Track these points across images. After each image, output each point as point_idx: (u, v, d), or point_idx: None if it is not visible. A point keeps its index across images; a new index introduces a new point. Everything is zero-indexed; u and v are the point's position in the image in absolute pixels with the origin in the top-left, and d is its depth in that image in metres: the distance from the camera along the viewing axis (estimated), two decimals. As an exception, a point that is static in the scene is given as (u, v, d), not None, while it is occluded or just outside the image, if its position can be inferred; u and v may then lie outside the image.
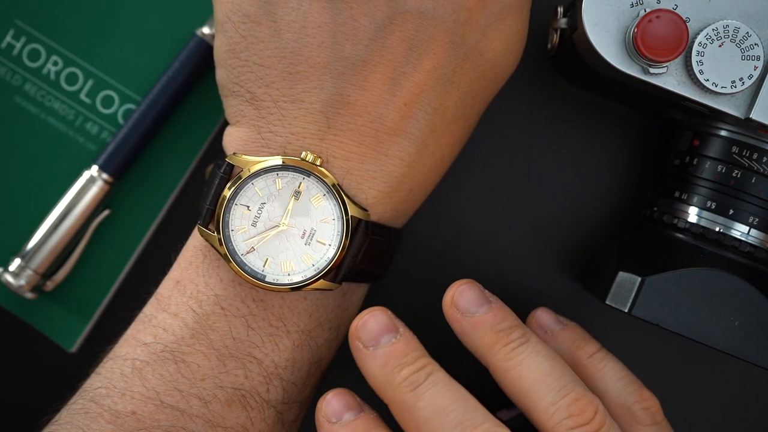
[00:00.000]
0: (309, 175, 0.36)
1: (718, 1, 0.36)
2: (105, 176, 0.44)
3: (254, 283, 0.36)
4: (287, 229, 0.36)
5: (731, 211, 0.39)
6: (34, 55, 0.45)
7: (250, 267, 0.36)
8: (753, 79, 0.36)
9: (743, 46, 0.36)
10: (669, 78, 0.36)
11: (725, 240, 0.38)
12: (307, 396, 0.39)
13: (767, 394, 0.45)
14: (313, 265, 0.36)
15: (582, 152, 0.45)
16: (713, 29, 0.36)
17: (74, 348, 0.45)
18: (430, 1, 0.36)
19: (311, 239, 0.36)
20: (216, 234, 0.36)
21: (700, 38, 0.36)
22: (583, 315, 0.45)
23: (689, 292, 0.37)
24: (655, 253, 0.39)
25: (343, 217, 0.36)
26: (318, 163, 0.36)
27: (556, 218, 0.45)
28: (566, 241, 0.45)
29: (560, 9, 0.40)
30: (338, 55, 0.36)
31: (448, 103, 0.38)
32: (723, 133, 0.39)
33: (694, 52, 0.36)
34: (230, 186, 0.36)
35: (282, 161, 0.36)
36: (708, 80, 0.36)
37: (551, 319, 0.41)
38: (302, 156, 0.36)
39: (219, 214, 0.36)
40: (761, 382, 0.45)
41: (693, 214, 0.39)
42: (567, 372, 0.36)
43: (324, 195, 0.36)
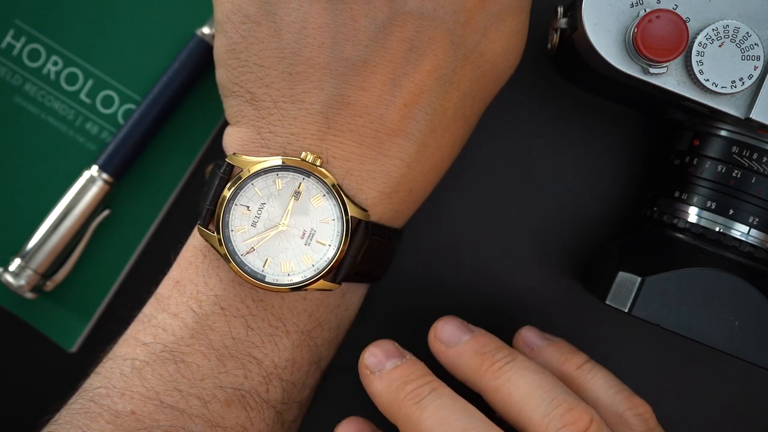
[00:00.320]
0: (309, 176, 0.36)
1: (718, 1, 0.36)
2: (105, 176, 0.44)
3: (254, 284, 0.36)
4: (287, 230, 0.36)
5: (731, 211, 0.39)
6: (34, 55, 0.45)
7: (250, 267, 0.36)
8: (753, 79, 0.36)
9: (743, 46, 0.36)
10: (669, 78, 0.36)
11: (725, 240, 0.38)
12: (307, 396, 0.39)
13: (767, 394, 0.45)
14: (313, 266, 0.36)
15: (582, 152, 0.45)
16: (713, 29, 0.36)
17: (74, 348, 0.45)
18: (431, 2, 0.36)
19: (311, 239, 0.36)
20: (216, 234, 0.36)
21: (700, 38, 0.36)
22: (583, 315, 0.45)
23: (689, 292, 0.37)
24: (655, 253, 0.39)
25: (343, 218, 0.36)
26: (318, 164, 0.36)
27: (556, 218, 0.45)
28: (566, 241, 0.45)
29: (560, 9, 0.40)
30: (338, 56, 0.36)
31: (448, 104, 0.38)
32: (723, 133, 0.39)
33: (694, 52, 0.36)
34: (230, 186, 0.36)
35: (282, 161, 0.36)
36: (708, 80, 0.36)
37: (536, 336, 0.41)
38: (302, 156, 0.36)
39: (219, 215, 0.36)
40: (761, 382, 0.45)
41: (693, 214, 0.39)
42: (557, 384, 0.36)
43: (324, 195, 0.36)
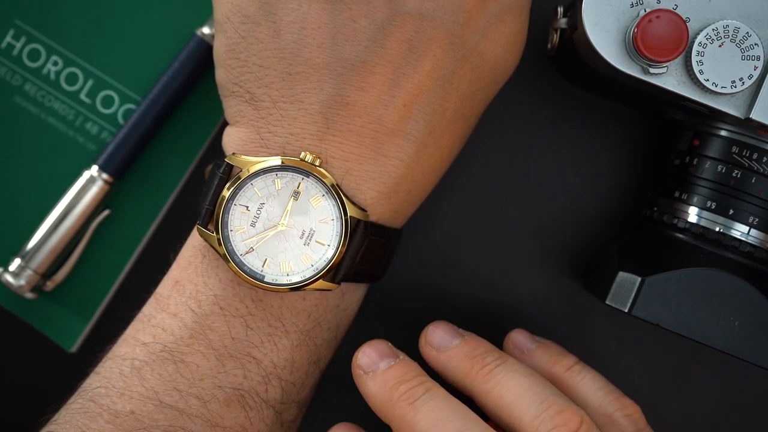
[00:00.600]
0: (308, 176, 0.36)
1: (718, 1, 0.36)
2: (105, 176, 0.44)
3: (253, 284, 0.36)
4: (286, 230, 0.36)
5: (731, 211, 0.38)
6: (34, 55, 0.45)
7: (249, 267, 0.36)
8: (753, 79, 0.36)
9: (743, 46, 0.36)
10: (669, 78, 0.36)
11: (725, 240, 0.38)
12: (306, 396, 0.39)
13: (767, 394, 0.45)
14: (312, 266, 0.36)
15: (582, 152, 0.45)
16: (713, 29, 0.36)
17: (74, 348, 0.45)
18: (430, 3, 0.36)
19: (310, 239, 0.36)
20: (215, 234, 0.36)
21: (700, 38, 0.36)
22: (583, 315, 0.45)
23: (689, 292, 0.37)
24: (655, 253, 0.39)
25: (342, 218, 0.36)
26: (317, 164, 0.36)
27: (556, 218, 0.45)
28: (566, 241, 0.45)
29: (560, 9, 0.40)
30: (338, 56, 0.36)
31: (448, 104, 0.37)
32: (723, 133, 0.39)
33: (694, 52, 0.36)
34: (229, 186, 0.36)
35: (281, 161, 0.36)
36: (708, 80, 0.36)
37: (526, 339, 0.41)
38: (301, 156, 0.36)
39: (218, 214, 0.36)
40: (761, 382, 0.45)
41: (693, 214, 0.39)
42: (547, 386, 0.36)
43: (323, 195, 0.36)
